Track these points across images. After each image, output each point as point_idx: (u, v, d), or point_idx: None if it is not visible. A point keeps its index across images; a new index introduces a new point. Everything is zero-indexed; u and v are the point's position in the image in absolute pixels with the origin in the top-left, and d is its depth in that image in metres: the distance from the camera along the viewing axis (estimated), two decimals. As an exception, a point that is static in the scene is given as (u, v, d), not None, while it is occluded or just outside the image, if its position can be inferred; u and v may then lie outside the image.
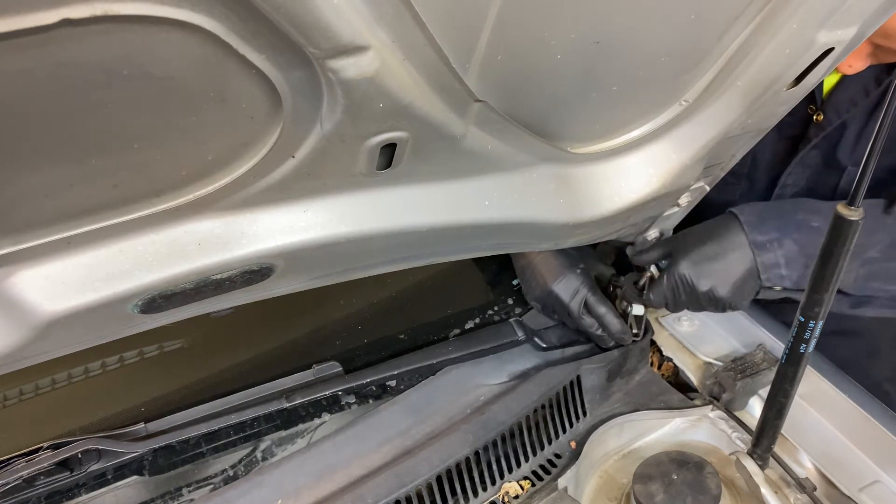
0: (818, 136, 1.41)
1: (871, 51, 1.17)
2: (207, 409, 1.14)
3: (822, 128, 1.40)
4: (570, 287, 1.33)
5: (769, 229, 1.20)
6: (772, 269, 1.19)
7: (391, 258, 1.03)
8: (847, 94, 1.35)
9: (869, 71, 1.30)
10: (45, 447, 1.01)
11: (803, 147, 1.44)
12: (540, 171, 0.98)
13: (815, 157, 1.45)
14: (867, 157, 0.76)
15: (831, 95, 1.38)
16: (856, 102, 1.35)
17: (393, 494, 1.04)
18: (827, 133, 1.39)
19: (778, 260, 1.19)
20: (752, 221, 1.21)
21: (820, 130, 1.40)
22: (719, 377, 1.27)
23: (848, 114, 1.36)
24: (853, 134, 1.38)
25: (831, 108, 1.37)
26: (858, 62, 1.19)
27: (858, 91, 1.34)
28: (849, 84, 1.35)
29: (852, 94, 1.35)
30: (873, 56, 1.18)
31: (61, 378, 1.21)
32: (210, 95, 0.59)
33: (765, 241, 1.19)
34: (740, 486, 1.13)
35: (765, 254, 1.19)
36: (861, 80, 1.33)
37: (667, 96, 0.94)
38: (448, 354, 1.29)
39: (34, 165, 0.58)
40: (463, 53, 0.66)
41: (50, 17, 0.44)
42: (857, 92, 1.34)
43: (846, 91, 1.35)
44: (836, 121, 1.37)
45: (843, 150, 1.40)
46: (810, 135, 1.42)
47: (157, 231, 0.75)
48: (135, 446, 1.05)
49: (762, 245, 1.19)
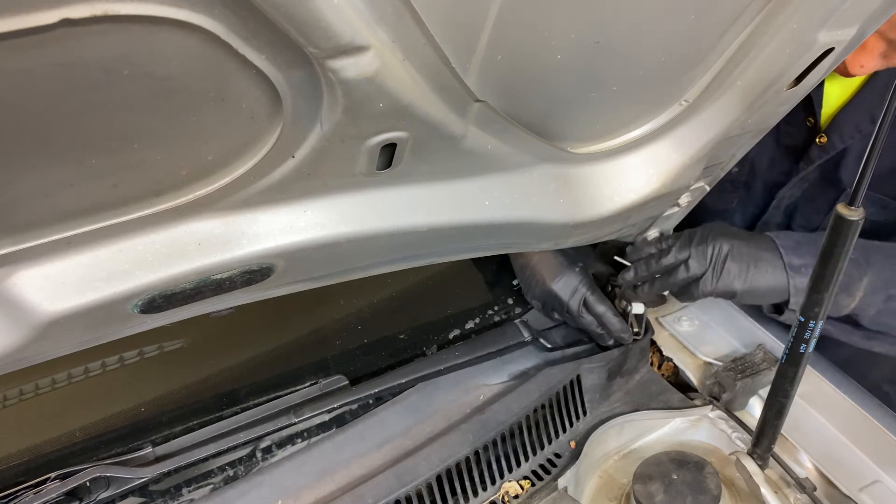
0: (821, 159, 1.40)
1: (885, 49, 1.14)
2: (215, 430, 1.14)
3: (826, 151, 1.39)
4: (570, 286, 1.33)
5: (805, 254, 1.19)
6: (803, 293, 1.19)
7: (391, 258, 1.03)
8: (853, 120, 1.34)
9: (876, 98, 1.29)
10: (53, 477, 1.00)
11: (804, 166, 1.43)
12: (540, 171, 0.98)
13: (813, 172, 1.45)
14: (867, 157, 0.76)
15: (837, 119, 1.37)
16: (861, 130, 1.34)
17: (393, 494, 1.04)
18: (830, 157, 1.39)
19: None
20: (789, 245, 1.20)
21: (822, 153, 1.40)
22: (719, 377, 1.27)
23: (852, 140, 1.35)
24: (854, 158, 1.37)
25: (835, 132, 1.36)
26: (871, 62, 1.16)
27: (864, 118, 1.33)
28: (855, 109, 1.33)
29: (857, 120, 1.34)
30: (886, 57, 1.15)
31: (61, 378, 1.21)
32: (210, 95, 0.59)
33: (800, 265, 1.18)
34: (740, 486, 1.13)
35: (798, 277, 1.18)
36: (868, 107, 1.32)
37: (667, 96, 0.94)
38: (455, 360, 1.29)
39: (34, 165, 0.58)
40: (463, 53, 0.66)
41: (50, 17, 0.44)
42: (862, 118, 1.33)
43: (852, 116, 1.34)
44: (840, 146, 1.37)
45: (844, 172, 1.40)
46: (812, 156, 1.42)
47: (157, 231, 0.75)
48: (143, 471, 1.05)
49: (797, 269, 1.18)
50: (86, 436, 1.13)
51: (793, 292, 1.19)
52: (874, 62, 1.16)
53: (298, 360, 1.31)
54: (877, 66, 1.17)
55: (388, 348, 1.36)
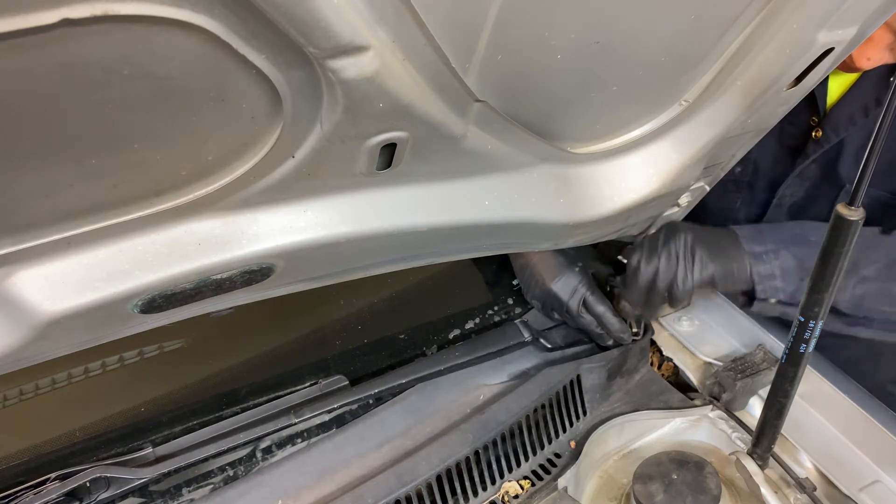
0: (816, 153, 1.40)
1: (892, 41, 1.13)
2: (215, 431, 1.14)
3: (821, 144, 1.39)
4: (569, 286, 1.33)
5: (766, 241, 1.19)
6: (767, 280, 1.19)
7: (391, 258, 1.03)
8: (847, 112, 1.34)
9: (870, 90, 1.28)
10: (53, 477, 1.00)
11: (801, 161, 1.43)
12: (540, 171, 0.98)
13: (813, 170, 1.44)
14: (867, 157, 0.76)
15: (831, 112, 1.36)
16: (855, 121, 1.33)
17: (393, 494, 1.04)
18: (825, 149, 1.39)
19: (773, 271, 1.18)
20: (748, 234, 1.21)
21: (818, 147, 1.40)
22: (719, 377, 1.27)
23: (846, 132, 1.35)
24: (852, 151, 1.37)
25: (830, 125, 1.36)
26: (877, 54, 1.15)
27: (858, 110, 1.33)
28: (850, 102, 1.33)
29: (852, 112, 1.33)
30: (892, 51, 1.14)
31: (61, 378, 1.21)
32: (210, 95, 0.59)
33: (761, 251, 1.19)
34: (740, 486, 1.13)
35: (761, 265, 1.18)
36: (862, 99, 1.32)
37: (667, 96, 0.94)
38: (455, 360, 1.29)
39: (34, 165, 0.58)
40: (463, 53, 0.66)
41: (50, 17, 0.44)
42: (856, 111, 1.33)
43: (846, 109, 1.34)
44: (835, 139, 1.37)
45: (843, 167, 1.39)
46: (808, 150, 1.42)
47: (157, 231, 0.75)
48: (143, 472, 1.05)
49: (758, 255, 1.19)
50: (86, 436, 1.13)
51: (756, 279, 1.19)
52: (880, 54, 1.15)
53: (298, 360, 1.31)
54: (884, 58, 1.16)
55: (388, 348, 1.36)
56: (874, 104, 1.30)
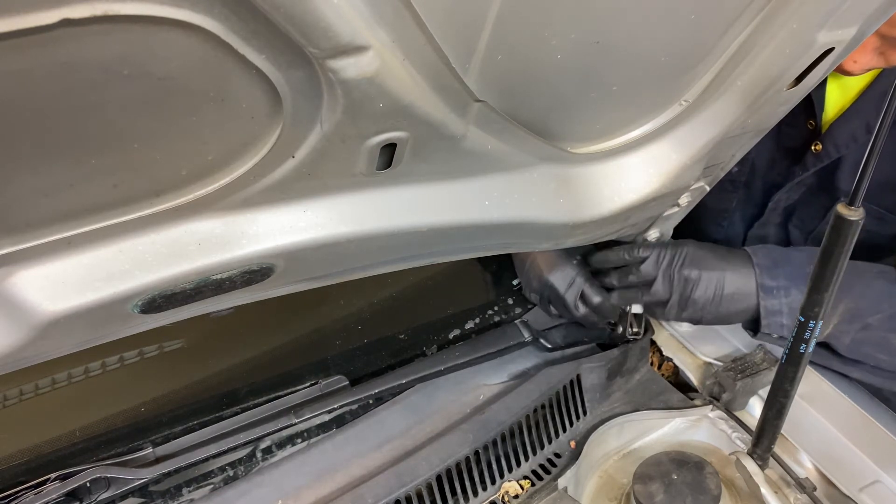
0: (816, 167, 1.40)
1: (879, 45, 1.13)
2: (215, 431, 1.14)
3: (820, 159, 1.39)
4: (567, 277, 1.33)
5: (780, 276, 1.19)
6: (773, 315, 1.19)
7: (391, 258, 1.03)
8: (848, 129, 1.33)
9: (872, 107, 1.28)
10: (53, 478, 1.00)
11: (800, 172, 1.43)
12: (540, 171, 0.98)
13: (811, 178, 1.45)
14: (867, 157, 0.76)
15: (832, 129, 1.36)
16: (856, 139, 1.33)
17: (393, 494, 1.04)
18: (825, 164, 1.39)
19: (781, 308, 1.19)
20: (765, 265, 1.21)
21: (817, 161, 1.39)
22: (719, 377, 1.27)
23: (847, 149, 1.35)
24: (850, 165, 1.37)
25: (831, 141, 1.36)
26: (864, 57, 1.14)
27: (860, 127, 1.32)
28: (851, 118, 1.33)
29: (853, 129, 1.33)
30: (881, 55, 1.14)
31: (61, 378, 1.21)
32: (210, 95, 0.59)
33: (773, 286, 1.19)
34: (740, 486, 1.13)
35: (770, 299, 1.18)
36: (864, 116, 1.31)
37: (667, 96, 0.94)
38: (455, 360, 1.29)
39: (34, 165, 0.58)
40: (463, 53, 0.66)
41: (50, 17, 0.44)
42: (858, 128, 1.32)
43: (848, 125, 1.33)
44: (835, 154, 1.37)
45: (841, 179, 1.39)
46: (808, 163, 1.42)
47: (157, 231, 0.75)
48: (143, 472, 1.05)
49: (769, 290, 1.19)
50: (86, 436, 1.13)
51: (763, 314, 1.19)
52: (867, 57, 1.15)
53: (298, 360, 1.31)
54: (871, 62, 1.15)
55: (388, 348, 1.36)
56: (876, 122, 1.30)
